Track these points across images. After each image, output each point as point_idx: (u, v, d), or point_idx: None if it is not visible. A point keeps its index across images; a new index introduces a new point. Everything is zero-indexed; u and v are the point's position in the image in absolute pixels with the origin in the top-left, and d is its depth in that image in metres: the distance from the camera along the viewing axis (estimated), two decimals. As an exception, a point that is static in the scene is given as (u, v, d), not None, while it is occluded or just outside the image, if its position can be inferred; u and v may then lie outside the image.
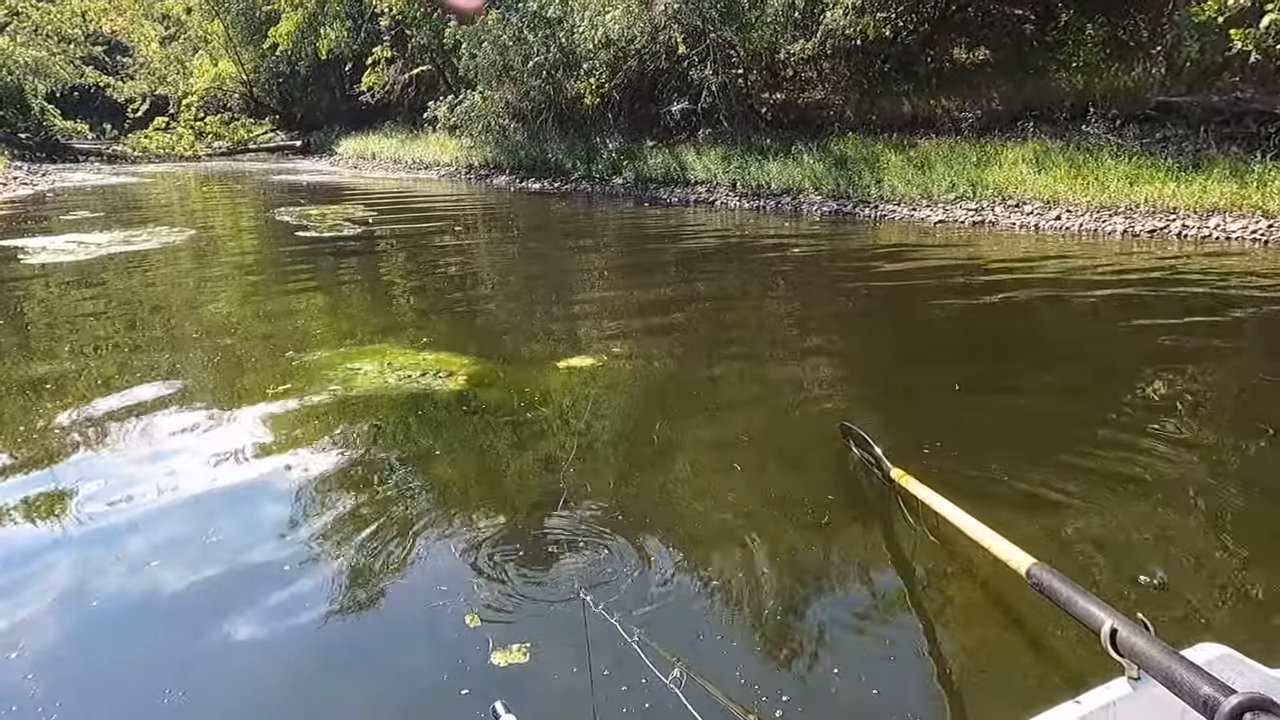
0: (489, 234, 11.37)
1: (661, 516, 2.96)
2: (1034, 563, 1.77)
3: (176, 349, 5.34)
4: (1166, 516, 2.86)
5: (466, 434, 3.84)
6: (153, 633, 2.44)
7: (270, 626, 2.42)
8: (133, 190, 17.72)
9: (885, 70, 14.79)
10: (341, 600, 2.53)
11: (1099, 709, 1.28)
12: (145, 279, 7.96)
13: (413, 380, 4.38)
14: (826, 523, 2.86)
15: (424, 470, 3.46)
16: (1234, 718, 1.08)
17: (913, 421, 3.88)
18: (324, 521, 3.00)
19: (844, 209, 12.02)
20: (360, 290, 7.43)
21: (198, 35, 31.36)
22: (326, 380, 4.42)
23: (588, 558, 2.66)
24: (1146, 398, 4.05)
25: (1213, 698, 1.12)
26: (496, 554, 2.71)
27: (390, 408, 4.08)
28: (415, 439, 3.79)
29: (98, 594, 2.60)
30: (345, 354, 4.91)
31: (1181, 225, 9.21)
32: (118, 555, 2.80)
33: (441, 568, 2.67)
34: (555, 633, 2.26)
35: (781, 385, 4.47)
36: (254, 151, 29.91)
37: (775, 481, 3.27)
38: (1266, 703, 1.09)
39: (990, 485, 3.06)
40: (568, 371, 4.55)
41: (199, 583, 2.63)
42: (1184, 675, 1.19)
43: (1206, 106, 10.98)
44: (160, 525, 3.02)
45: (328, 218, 11.99)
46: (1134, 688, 1.31)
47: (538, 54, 15.79)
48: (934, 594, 2.47)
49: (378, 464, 3.48)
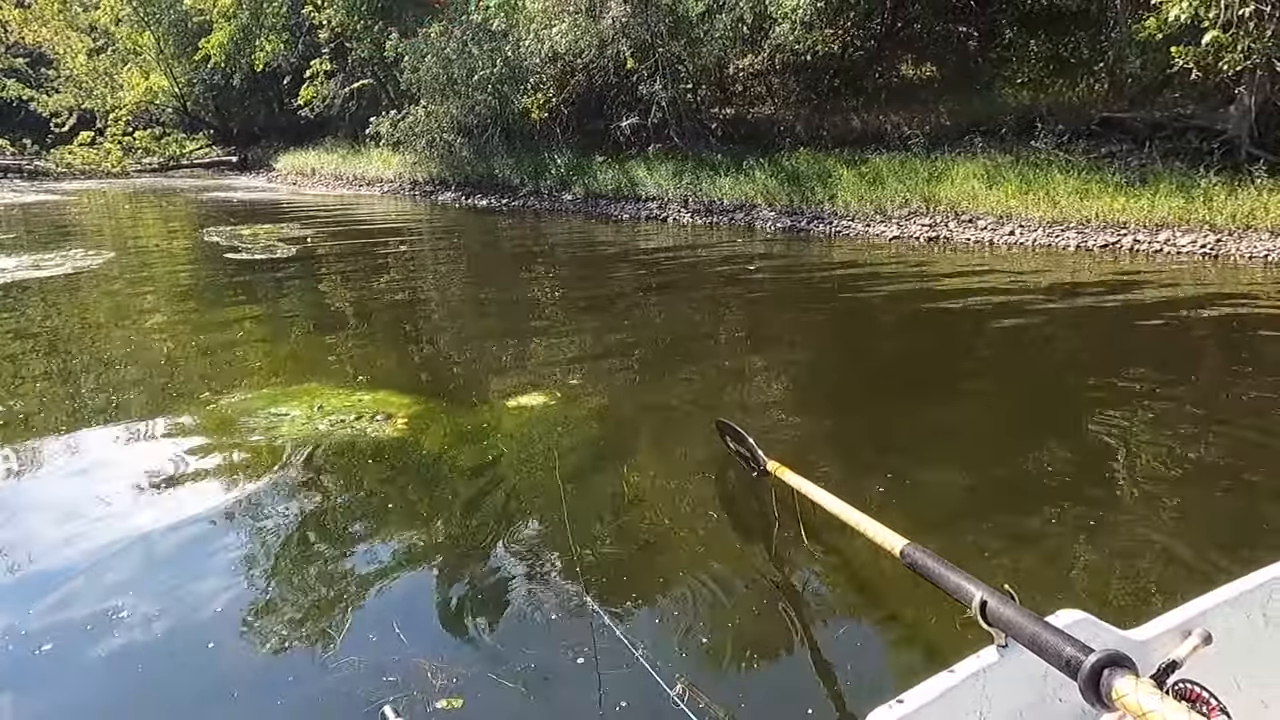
0: (433, 255, 10.89)
1: (621, 574, 2.62)
2: (907, 543, 1.81)
3: (65, 391, 4.75)
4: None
5: (405, 493, 3.39)
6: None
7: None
8: (51, 209, 16.73)
9: (834, 85, 14.79)
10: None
11: (970, 676, 1.34)
12: (46, 309, 7.24)
13: (346, 426, 3.94)
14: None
15: (361, 546, 3.03)
16: (1094, 674, 1.16)
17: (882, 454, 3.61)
18: (225, 611, 2.57)
19: (798, 224, 11.86)
20: (291, 320, 6.82)
21: (126, 47, 30.05)
22: (246, 429, 3.94)
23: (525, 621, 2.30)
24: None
25: (1074, 657, 1.20)
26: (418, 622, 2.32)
27: (320, 462, 3.60)
28: (348, 504, 3.31)
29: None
30: (271, 395, 4.42)
31: (1133, 240, 9.24)
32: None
33: (366, 661, 2.28)
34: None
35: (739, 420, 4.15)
36: (188, 168, 28.78)
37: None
38: (1122, 658, 1.17)
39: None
40: (517, 411, 4.17)
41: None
42: (1048, 639, 1.26)
43: (1149, 122, 11.11)
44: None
45: (261, 238, 11.36)
46: (1002, 655, 1.37)
47: (483, 68, 15.39)
48: (815, 581, 2.62)
49: (301, 543, 3.02)
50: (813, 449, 3.74)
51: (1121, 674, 1.16)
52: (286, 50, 22.45)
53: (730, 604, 2.51)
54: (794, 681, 2.22)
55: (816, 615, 2.48)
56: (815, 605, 2.54)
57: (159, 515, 3.17)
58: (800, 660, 2.29)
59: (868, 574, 2.62)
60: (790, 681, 2.22)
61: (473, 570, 2.77)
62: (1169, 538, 2.84)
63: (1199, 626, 1.42)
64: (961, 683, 1.33)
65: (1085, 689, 1.18)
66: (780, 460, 2.93)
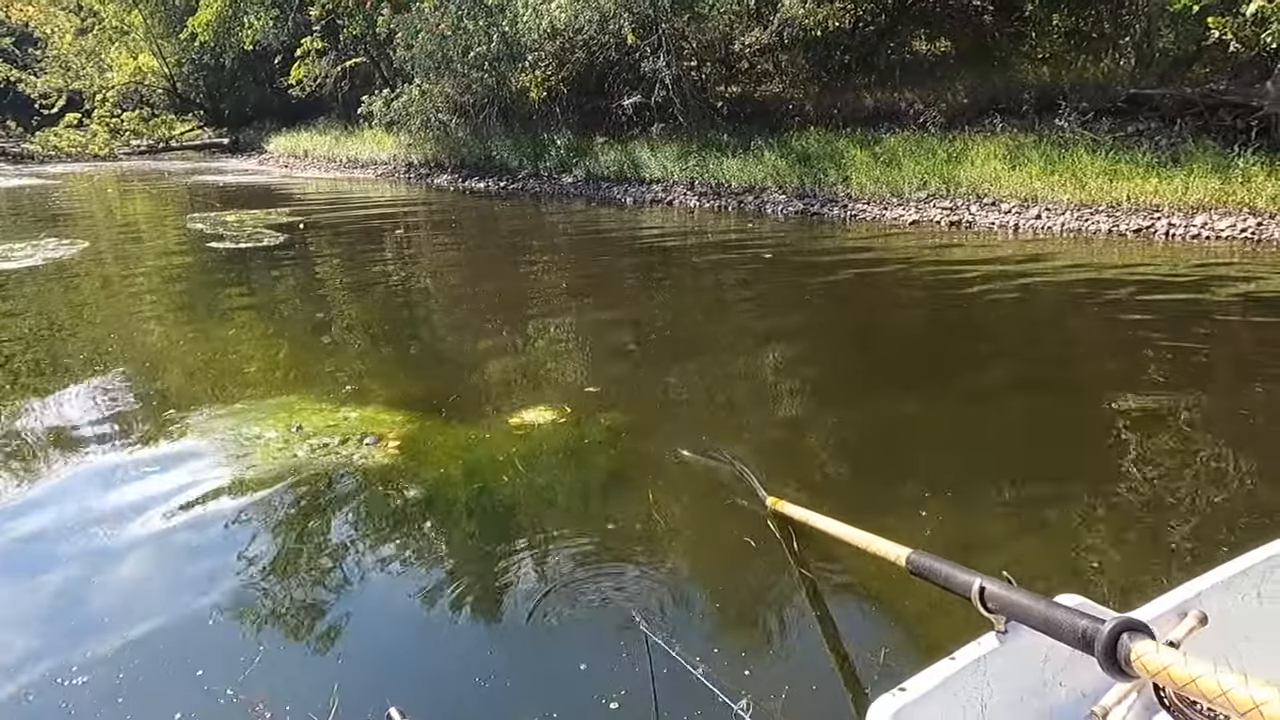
0: (428, 244, 10.36)
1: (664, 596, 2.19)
2: (910, 551, 1.78)
3: (7, 404, 4.25)
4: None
5: (398, 544, 2.86)
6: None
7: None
8: (31, 195, 16.13)
9: (845, 62, 14.21)
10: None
11: (971, 663, 1.35)
12: (5, 306, 6.70)
13: (329, 451, 3.45)
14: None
15: (338, 619, 2.57)
16: (1112, 639, 1.17)
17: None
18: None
19: (811, 208, 11.34)
20: (272, 320, 6.26)
21: (114, 26, 29.26)
22: (211, 455, 3.46)
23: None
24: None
25: (1090, 628, 1.21)
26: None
27: (293, 506, 3.06)
28: (328, 561, 2.77)
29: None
30: (243, 412, 3.92)
31: (1168, 224, 8.75)
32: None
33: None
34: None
35: (775, 460, 3.69)
36: (178, 150, 28.10)
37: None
38: (1138, 624, 1.19)
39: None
40: (522, 431, 3.68)
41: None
42: (1061, 616, 1.27)
43: (1180, 99, 10.57)
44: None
45: (247, 225, 10.82)
46: (1001, 641, 1.38)
47: (479, 44, 14.78)
48: (827, 598, 2.52)
49: (271, 614, 2.53)
50: (830, 450, 3.41)
51: (1140, 638, 1.16)
52: (276, 28, 21.75)
53: (763, 626, 2.43)
54: (807, 670, 2.23)
55: (828, 623, 2.44)
56: (824, 614, 2.48)
57: (86, 572, 2.70)
58: (810, 649, 2.29)
59: (873, 585, 2.57)
60: (804, 669, 2.23)
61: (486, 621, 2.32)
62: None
63: (1195, 608, 1.43)
64: (963, 669, 1.34)
65: (1103, 658, 1.17)
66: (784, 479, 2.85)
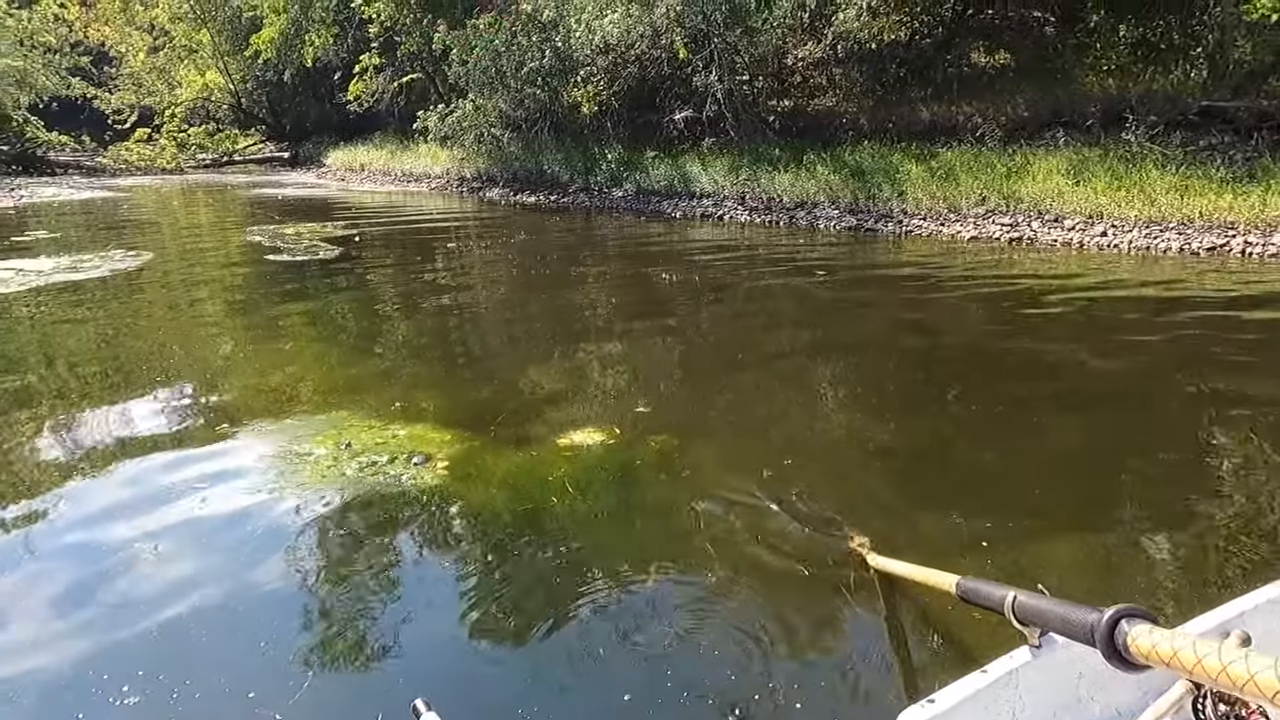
0: (480, 258, 10.44)
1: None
2: (959, 578, 1.79)
3: (55, 416, 4.28)
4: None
5: (442, 569, 2.82)
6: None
7: None
8: (103, 207, 16.74)
9: (900, 75, 13.97)
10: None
11: (1004, 675, 1.34)
12: (70, 314, 6.82)
13: (377, 470, 3.44)
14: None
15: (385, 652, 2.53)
16: (1110, 626, 1.17)
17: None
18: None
19: (864, 224, 11.13)
20: (325, 333, 6.33)
21: (183, 44, 30.41)
22: (263, 473, 3.47)
23: None
24: None
25: (1095, 619, 1.19)
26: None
27: (342, 526, 3.03)
28: (374, 584, 2.72)
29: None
30: (294, 427, 3.94)
31: (1244, 241, 8.35)
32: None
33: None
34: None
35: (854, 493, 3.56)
36: (240, 163, 29.00)
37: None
38: (1137, 610, 1.18)
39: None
40: (571, 452, 3.62)
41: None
42: (1073, 615, 1.26)
43: (1256, 112, 10.14)
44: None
45: (304, 238, 11.04)
46: (1035, 655, 1.36)
47: (532, 60, 14.92)
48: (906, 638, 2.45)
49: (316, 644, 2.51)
50: (895, 480, 3.25)
51: (1136, 623, 1.15)
52: (336, 45, 22.32)
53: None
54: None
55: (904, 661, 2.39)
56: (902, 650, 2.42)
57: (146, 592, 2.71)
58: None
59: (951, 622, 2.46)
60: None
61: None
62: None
63: (1238, 628, 1.40)
64: (994, 682, 1.32)
65: (1104, 648, 1.17)
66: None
